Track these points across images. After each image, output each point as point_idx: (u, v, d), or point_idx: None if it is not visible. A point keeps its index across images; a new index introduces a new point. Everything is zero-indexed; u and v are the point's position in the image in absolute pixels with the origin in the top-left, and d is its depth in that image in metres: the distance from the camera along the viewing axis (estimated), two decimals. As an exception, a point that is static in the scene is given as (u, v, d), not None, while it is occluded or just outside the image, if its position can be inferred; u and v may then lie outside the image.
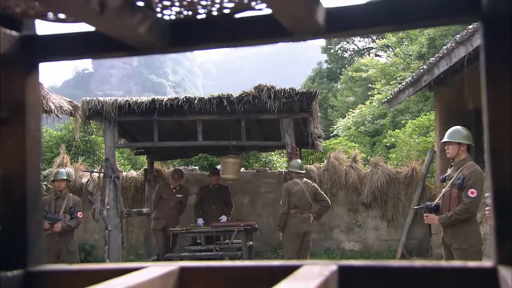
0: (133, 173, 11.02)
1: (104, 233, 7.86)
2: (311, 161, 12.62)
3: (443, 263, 0.96)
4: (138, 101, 7.99)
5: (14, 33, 1.02)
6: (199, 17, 1.00)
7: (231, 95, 7.92)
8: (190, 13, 0.98)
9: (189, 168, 11.50)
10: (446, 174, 5.04)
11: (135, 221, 9.86)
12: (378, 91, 17.60)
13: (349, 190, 10.31)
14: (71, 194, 7.17)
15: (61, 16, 0.94)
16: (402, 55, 18.30)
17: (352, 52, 26.56)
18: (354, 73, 20.87)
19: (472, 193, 4.61)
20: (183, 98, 7.94)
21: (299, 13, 0.85)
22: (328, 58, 27.45)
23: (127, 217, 8.65)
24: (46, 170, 10.78)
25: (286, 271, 0.90)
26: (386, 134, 15.73)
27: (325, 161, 10.85)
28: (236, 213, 10.23)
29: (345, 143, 15.35)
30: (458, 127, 5.00)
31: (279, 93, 7.72)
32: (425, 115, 14.29)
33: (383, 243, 10.20)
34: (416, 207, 7.16)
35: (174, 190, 8.83)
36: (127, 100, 8.02)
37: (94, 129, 12.72)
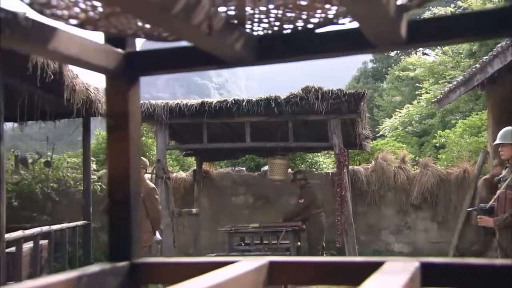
0: (182, 174, 11.29)
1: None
2: (358, 162, 12.52)
3: (522, 262, 1.00)
4: (188, 104, 8.20)
5: (119, 50, 1.14)
6: (284, 32, 1.09)
7: (279, 96, 7.99)
8: (276, 28, 1.07)
9: (236, 169, 11.67)
10: (501, 176, 4.93)
11: (185, 221, 10.09)
12: (426, 91, 17.23)
13: (397, 191, 10.19)
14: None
15: (164, 35, 1.05)
16: (451, 53, 17.83)
17: (399, 51, 26.07)
18: (401, 72, 20.52)
19: (529, 194, 4.50)
20: (231, 100, 8.08)
21: (385, 27, 0.92)
22: (373, 58, 27.09)
23: (178, 217, 8.87)
24: (100, 171, 11.22)
25: (370, 267, 0.97)
26: (435, 135, 15.39)
27: (372, 162, 10.76)
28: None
29: (392, 144, 15.13)
30: (511, 127, 4.88)
31: (326, 94, 7.74)
32: (477, 114, 13.89)
33: (433, 245, 10.01)
34: (470, 209, 7.00)
35: None
36: (177, 103, 8.25)
37: (144, 131, 13.11)
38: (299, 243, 8.44)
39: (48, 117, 7.59)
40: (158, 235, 6.91)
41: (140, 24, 1.01)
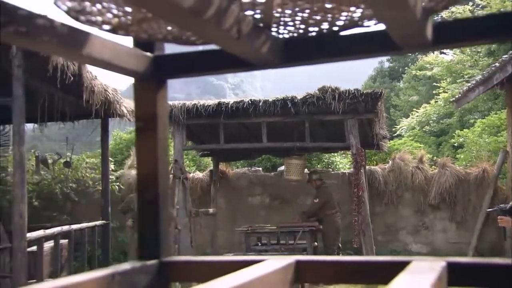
0: (199, 174, 11.34)
1: (174, 232, 8.16)
2: (375, 162, 12.46)
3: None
4: (205, 105, 8.26)
5: (148, 54, 1.17)
6: (310, 34, 1.10)
7: (295, 97, 8.00)
8: (302, 31, 1.09)
9: (252, 169, 11.69)
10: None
11: (202, 221, 10.13)
12: (444, 90, 17.06)
13: (415, 191, 10.12)
14: None
15: (192, 39, 1.07)
16: (469, 52, 17.62)
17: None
18: (418, 71, 20.34)
19: (552, 195, 4.44)
20: (248, 101, 8.11)
21: (411, 29, 0.93)
22: (390, 57, 26.86)
23: (195, 217, 8.91)
24: (118, 172, 11.34)
25: (397, 266, 0.98)
26: (453, 134, 15.23)
27: (390, 162, 10.69)
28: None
29: (410, 144, 15.01)
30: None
31: (343, 94, 7.73)
32: (496, 113, 13.71)
33: (452, 246, 9.91)
34: (489, 209, 6.92)
35: None
36: (194, 104, 8.31)
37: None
38: (315, 243, 8.43)
39: (67, 118, 7.70)
40: None
41: (169, 28, 1.04)
